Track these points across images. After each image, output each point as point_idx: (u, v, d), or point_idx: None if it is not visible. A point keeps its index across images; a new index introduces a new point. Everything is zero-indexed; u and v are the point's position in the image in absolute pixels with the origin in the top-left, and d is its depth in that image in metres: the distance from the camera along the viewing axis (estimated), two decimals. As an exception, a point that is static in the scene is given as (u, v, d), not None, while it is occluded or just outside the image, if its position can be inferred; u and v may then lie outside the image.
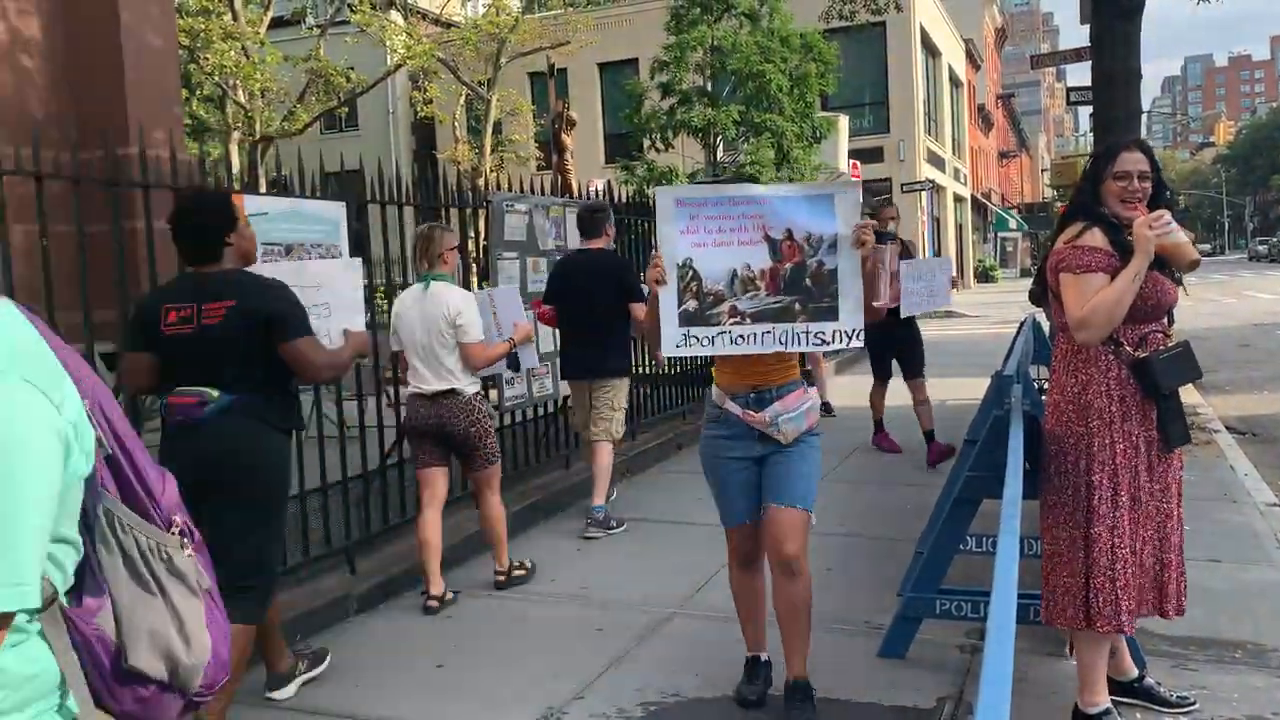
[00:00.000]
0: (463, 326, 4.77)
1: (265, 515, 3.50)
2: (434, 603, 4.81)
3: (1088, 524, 3.16)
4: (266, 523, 3.52)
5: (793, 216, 3.19)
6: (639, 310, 5.59)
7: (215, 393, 3.37)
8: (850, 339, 3.22)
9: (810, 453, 3.44)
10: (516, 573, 5.20)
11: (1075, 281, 3.15)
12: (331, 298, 4.06)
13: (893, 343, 7.60)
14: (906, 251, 7.66)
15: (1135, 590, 3.17)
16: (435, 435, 4.92)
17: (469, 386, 4.89)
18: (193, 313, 3.41)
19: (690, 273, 3.23)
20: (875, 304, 3.24)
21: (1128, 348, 3.17)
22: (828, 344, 3.22)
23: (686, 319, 3.25)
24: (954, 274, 7.90)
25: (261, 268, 3.87)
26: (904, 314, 7.27)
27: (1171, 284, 3.24)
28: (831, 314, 3.22)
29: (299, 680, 3.97)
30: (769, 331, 3.23)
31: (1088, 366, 3.21)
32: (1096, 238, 3.17)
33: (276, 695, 3.89)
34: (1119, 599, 3.13)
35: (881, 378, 8.04)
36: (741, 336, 3.24)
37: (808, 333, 3.23)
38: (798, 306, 3.22)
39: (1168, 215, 3.11)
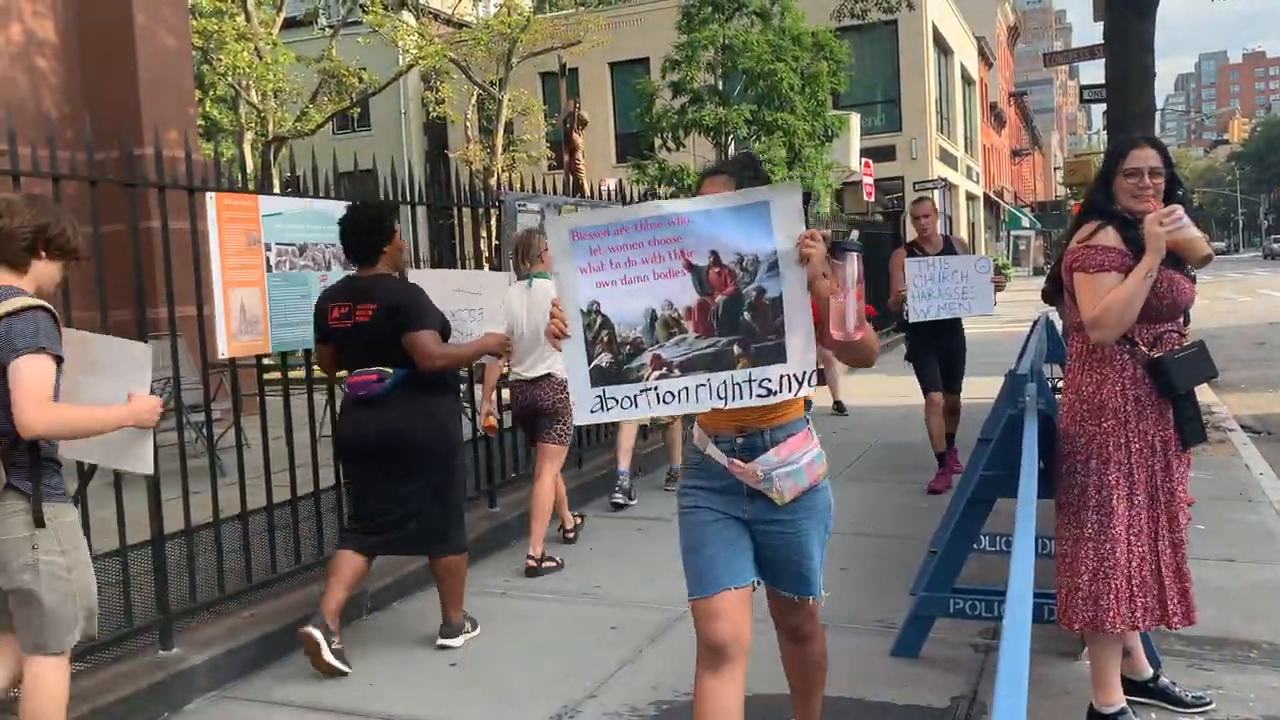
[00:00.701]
0: None
1: (450, 465, 4.30)
2: (570, 537, 5.81)
3: (1106, 524, 3.15)
4: (452, 470, 4.32)
5: (717, 235, 2.54)
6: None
7: (390, 370, 4.10)
8: (802, 385, 2.57)
9: (815, 523, 2.75)
10: (546, 564, 5.41)
11: (1089, 281, 3.14)
12: (486, 305, 4.73)
13: (936, 348, 6.94)
14: (949, 248, 7.04)
15: (1153, 590, 3.16)
16: (531, 414, 5.57)
17: (563, 371, 5.46)
18: (350, 309, 4.15)
19: (599, 320, 2.64)
20: (835, 336, 2.54)
21: (1143, 347, 3.16)
22: (774, 394, 2.57)
23: (600, 377, 2.65)
24: (995, 275, 6.95)
25: (434, 275, 4.71)
26: (913, 319, 6.64)
27: (1188, 283, 3.23)
28: (778, 354, 2.55)
29: (339, 663, 4.07)
30: (703, 384, 2.59)
31: (1102, 366, 3.20)
32: (1110, 237, 3.17)
33: (327, 654, 4.03)
34: (1134, 597, 3.12)
35: (930, 389, 6.98)
36: (670, 393, 2.61)
37: (750, 381, 2.57)
38: (737, 349, 2.58)
39: (1179, 210, 3.10)
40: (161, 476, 4.13)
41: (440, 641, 4.36)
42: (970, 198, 42.24)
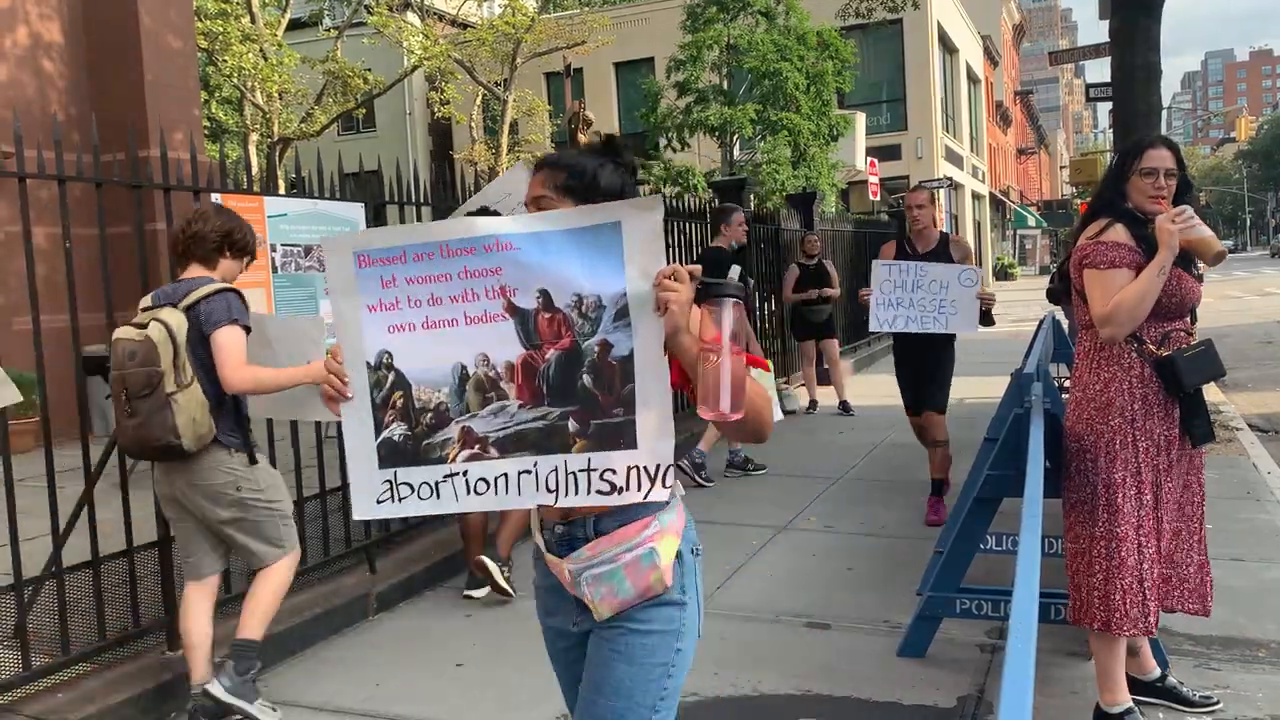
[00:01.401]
0: None
1: None
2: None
3: (1113, 523, 3.14)
4: None
5: (550, 267, 1.85)
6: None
7: None
8: (655, 483, 1.88)
9: (639, 646, 1.95)
10: None
11: (1099, 277, 3.14)
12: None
13: (912, 362, 6.09)
14: (944, 248, 5.96)
15: (1161, 590, 3.15)
16: None
17: None
18: None
19: (390, 376, 1.96)
20: (703, 414, 1.80)
21: (1150, 345, 3.15)
22: (620, 492, 1.89)
23: (392, 455, 1.97)
24: (985, 289, 5.69)
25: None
26: (871, 328, 5.84)
27: (1195, 282, 3.22)
28: (625, 437, 1.87)
29: (509, 586, 4.79)
30: (528, 471, 1.93)
31: (1110, 364, 3.20)
32: (1120, 233, 3.16)
33: (499, 579, 4.79)
34: (1145, 599, 3.11)
35: (914, 410, 6.20)
36: (484, 481, 1.95)
37: (589, 470, 1.89)
38: (573, 425, 1.90)
39: (1189, 210, 3.10)
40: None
41: (466, 592, 4.92)
42: (976, 197, 42.21)
